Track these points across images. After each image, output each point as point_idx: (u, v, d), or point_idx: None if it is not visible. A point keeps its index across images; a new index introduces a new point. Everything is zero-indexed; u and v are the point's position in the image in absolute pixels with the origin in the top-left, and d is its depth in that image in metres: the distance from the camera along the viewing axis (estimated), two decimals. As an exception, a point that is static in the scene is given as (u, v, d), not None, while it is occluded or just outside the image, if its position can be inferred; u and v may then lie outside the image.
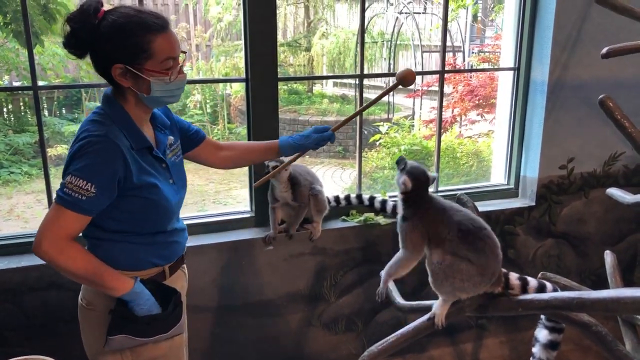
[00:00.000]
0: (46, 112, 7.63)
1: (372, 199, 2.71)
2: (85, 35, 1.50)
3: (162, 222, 1.68)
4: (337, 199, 2.68)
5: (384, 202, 2.69)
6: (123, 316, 1.57)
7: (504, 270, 2.00)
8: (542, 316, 2.14)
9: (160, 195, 1.61)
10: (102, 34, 1.49)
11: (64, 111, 7.98)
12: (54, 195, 1.52)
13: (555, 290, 1.96)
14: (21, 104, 7.57)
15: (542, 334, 2.13)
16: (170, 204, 1.65)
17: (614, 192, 2.25)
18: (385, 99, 9.43)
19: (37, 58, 6.56)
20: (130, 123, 1.58)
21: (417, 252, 1.97)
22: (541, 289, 1.97)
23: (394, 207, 2.67)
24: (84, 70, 7.43)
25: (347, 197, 2.70)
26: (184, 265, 1.86)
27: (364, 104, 2.20)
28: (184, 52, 1.62)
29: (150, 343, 1.62)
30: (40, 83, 5.52)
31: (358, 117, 2.71)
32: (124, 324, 1.57)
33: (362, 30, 2.66)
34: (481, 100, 6.20)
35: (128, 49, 1.49)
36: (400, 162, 2.00)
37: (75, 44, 1.53)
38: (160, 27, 1.51)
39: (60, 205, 1.46)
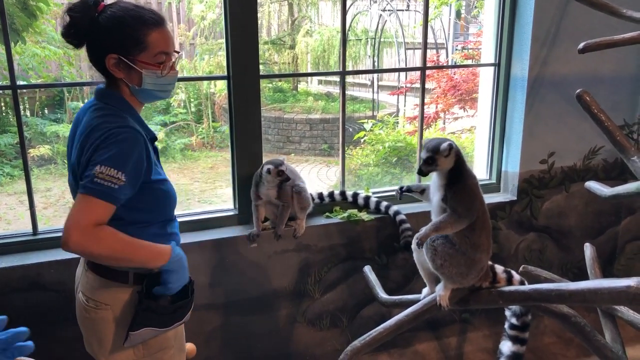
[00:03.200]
0: (28, 113, 7.54)
1: (355, 195, 2.72)
2: (84, 26, 1.54)
3: (171, 211, 1.72)
4: (320, 195, 2.69)
5: (367, 198, 2.71)
6: (149, 309, 1.58)
7: (490, 262, 2.02)
8: (506, 326, 2.16)
9: (170, 185, 1.67)
10: (101, 25, 1.54)
11: (46, 111, 7.89)
12: (35, 196, 1.50)
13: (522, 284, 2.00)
14: (2, 104, 7.47)
15: (506, 346, 2.15)
16: (175, 193, 1.71)
17: (592, 185, 2.27)
18: (369, 96, 9.46)
19: (18, 58, 6.47)
20: (136, 114, 1.62)
21: (473, 216, 1.93)
22: (523, 283, 2.00)
23: (377, 203, 2.69)
24: (65, 70, 7.36)
25: (331, 194, 2.71)
26: None
27: None
28: (178, 52, 1.66)
29: (163, 333, 1.65)
30: (21, 83, 5.47)
31: (341, 115, 2.73)
32: (149, 316, 1.58)
33: (344, 27, 2.67)
34: (464, 95, 6.24)
35: (124, 40, 1.53)
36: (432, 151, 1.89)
37: (73, 34, 1.56)
38: (156, 22, 1.57)
39: (91, 195, 1.43)
